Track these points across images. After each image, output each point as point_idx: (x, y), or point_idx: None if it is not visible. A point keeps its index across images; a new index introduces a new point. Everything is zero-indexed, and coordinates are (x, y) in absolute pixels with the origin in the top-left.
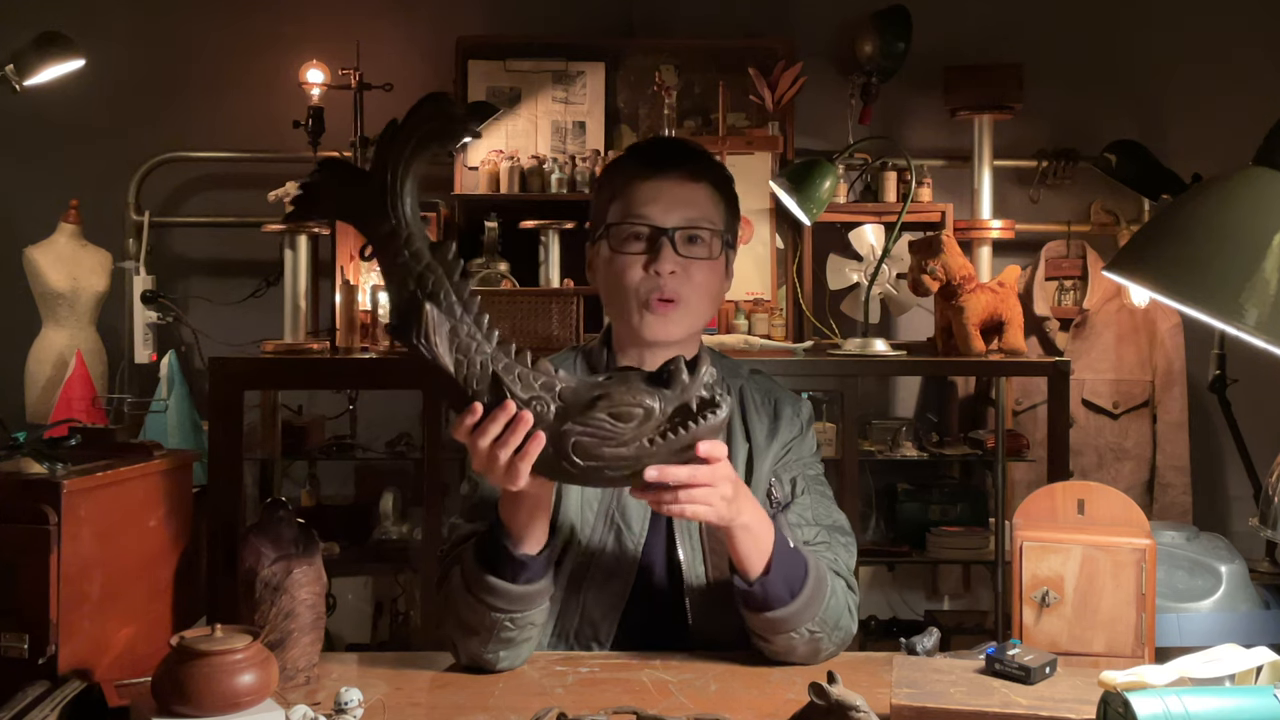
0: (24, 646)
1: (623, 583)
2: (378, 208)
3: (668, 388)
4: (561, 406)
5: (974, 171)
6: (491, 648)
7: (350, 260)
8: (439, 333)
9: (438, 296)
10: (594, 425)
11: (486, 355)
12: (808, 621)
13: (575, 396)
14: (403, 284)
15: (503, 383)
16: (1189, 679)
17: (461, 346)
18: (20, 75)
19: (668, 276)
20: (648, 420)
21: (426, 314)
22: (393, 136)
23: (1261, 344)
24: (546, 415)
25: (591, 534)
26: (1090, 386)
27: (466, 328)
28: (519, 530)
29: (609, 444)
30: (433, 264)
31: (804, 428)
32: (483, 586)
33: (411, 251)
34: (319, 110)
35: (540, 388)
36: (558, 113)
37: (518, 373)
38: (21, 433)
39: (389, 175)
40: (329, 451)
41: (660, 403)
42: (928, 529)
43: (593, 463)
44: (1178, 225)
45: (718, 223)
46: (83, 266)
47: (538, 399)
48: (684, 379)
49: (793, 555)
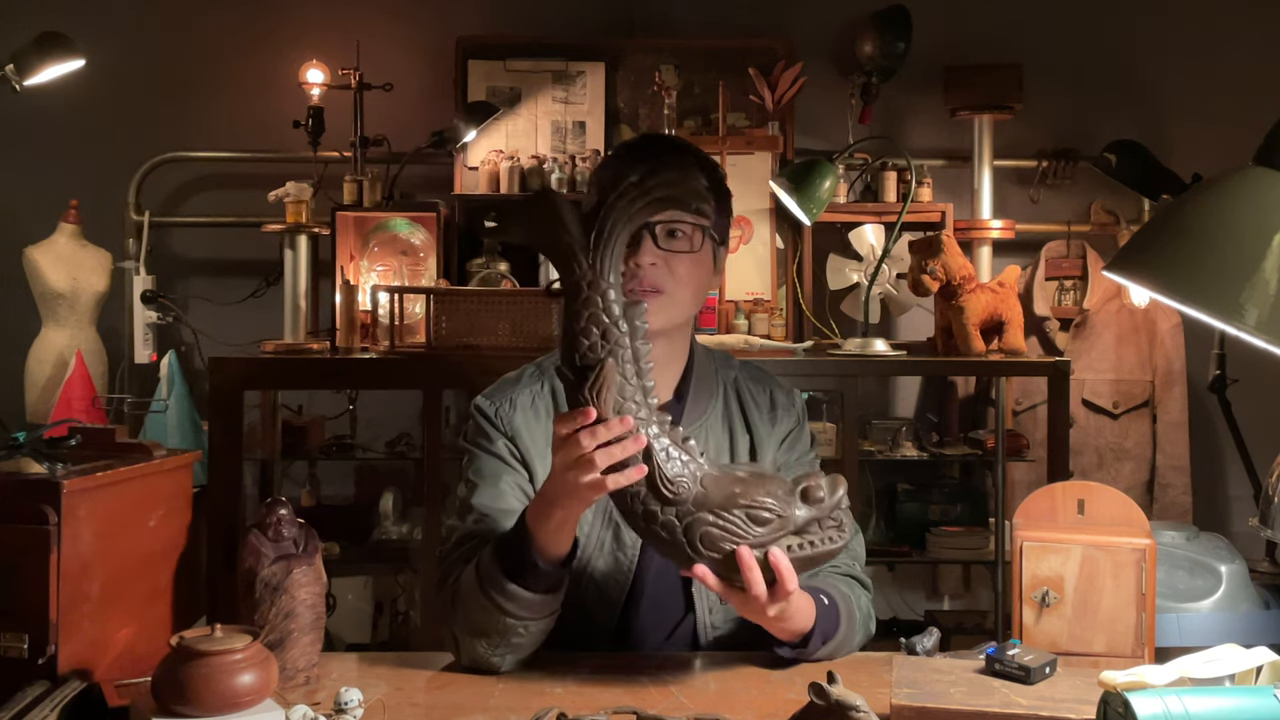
0: (24, 646)
1: (621, 581)
2: (584, 251)
3: (807, 502)
4: (701, 493)
5: (974, 171)
6: (500, 651)
7: (350, 260)
8: (609, 390)
9: (617, 354)
10: (728, 521)
11: (643, 421)
12: (838, 654)
13: (717, 486)
14: (586, 332)
15: (654, 455)
16: (1189, 679)
17: (623, 410)
18: (20, 75)
19: (648, 268)
20: (780, 529)
21: (607, 370)
22: (629, 190)
23: (1261, 344)
24: (686, 498)
25: (590, 533)
26: (1090, 386)
27: (631, 390)
28: (546, 539)
29: (736, 542)
30: (621, 321)
31: (800, 419)
32: (502, 592)
33: (604, 304)
34: (319, 110)
35: (686, 470)
36: (558, 113)
37: (667, 447)
38: (21, 433)
39: (610, 225)
40: (329, 451)
41: (797, 514)
42: (928, 529)
43: (714, 554)
44: (1178, 225)
45: (702, 218)
46: (83, 266)
47: (682, 480)
48: (823, 496)
49: (826, 612)
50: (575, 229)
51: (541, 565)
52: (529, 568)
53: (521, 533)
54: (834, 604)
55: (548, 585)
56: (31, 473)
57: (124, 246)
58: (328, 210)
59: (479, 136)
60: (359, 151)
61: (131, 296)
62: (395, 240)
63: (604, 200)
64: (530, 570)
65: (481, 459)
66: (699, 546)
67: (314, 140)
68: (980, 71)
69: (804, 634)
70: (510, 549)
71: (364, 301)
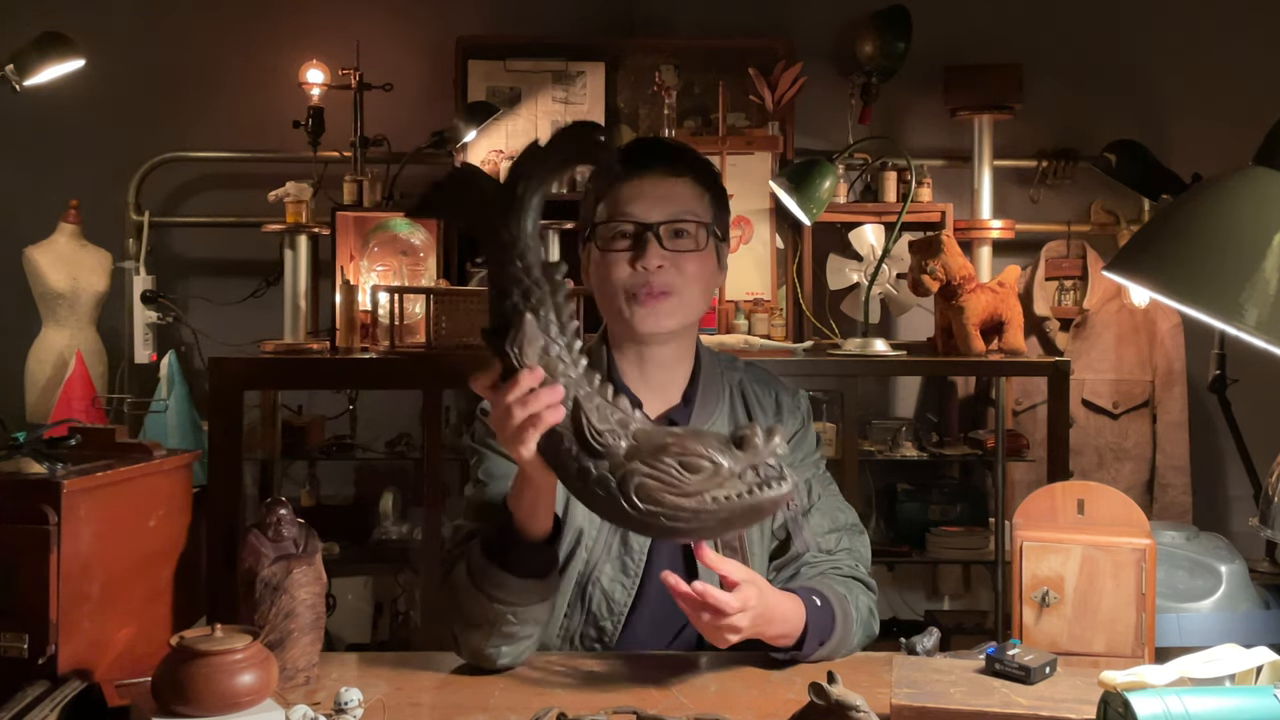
0: (24, 646)
1: (629, 585)
2: (500, 216)
3: (741, 449)
4: (633, 445)
5: (974, 171)
6: (494, 642)
7: (350, 260)
8: (531, 345)
9: (539, 312)
10: (661, 470)
11: (570, 380)
12: (836, 655)
13: (647, 439)
14: (507, 292)
15: (581, 409)
16: (1189, 679)
17: (549, 366)
18: (20, 75)
19: (656, 271)
20: (715, 476)
21: (525, 324)
22: (533, 153)
23: (1261, 344)
24: (617, 451)
25: (599, 536)
26: (1090, 386)
27: (558, 349)
28: (524, 515)
29: (672, 492)
30: (541, 280)
31: (805, 420)
32: (486, 578)
33: (524, 264)
34: (319, 110)
35: (616, 423)
36: (558, 113)
37: (596, 404)
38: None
39: (520, 188)
40: (329, 451)
41: (731, 462)
42: (928, 529)
43: (652, 507)
44: (1178, 225)
45: (703, 215)
46: (83, 266)
47: (611, 432)
48: (758, 443)
49: (820, 613)
50: (492, 198)
51: (522, 543)
52: (510, 548)
53: (503, 515)
54: (828, 605)
55: (532, 568)
56: (31, 473)
57: (124, 246)
58: (328, 210)
59: (479, 136)
60: (359, 151)
61: (131, 296)
62: (395, 240)
63: (515, 168)
64: (512, 550)
65: (490, 459)
66: (635, 500)
67: (314, 140)
68: (980, 71)
69: (796, 637)
70: (495, 535)
71: (364, 301)
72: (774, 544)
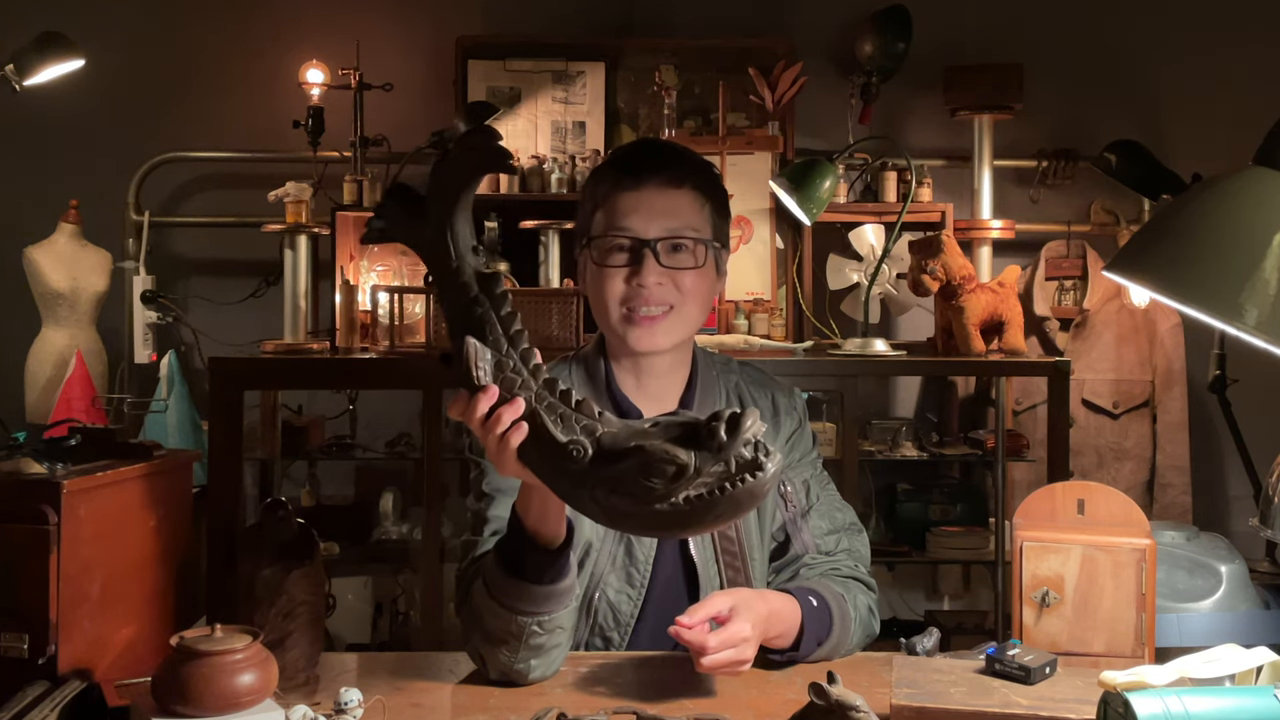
0: (24, 646)
1: (635, 597)
2: (440, 241)
3: (703, 446)
4: (599, 452)
5: (974, 171)
6: (522, 656)
7: (350, 260)
8: (482, 364)
9: (482, 330)
10: (627, 479)
11: (531, 393)
12: (835, 655)
13: (613, 443)
14: (454, 316)
15: (541, 420)
16: (1189, 679)
17: (506, 382)
18: (20, 75)
19: (654, 287)
20: (679, 478)
21: (468, 348)
22: (437, 167)
23: (1261, 344)
24: (583, 460)
25: (605, 540)
26: (1090, 386)
27: (512, 363)
28: (534, 521)
29: (641, 498)
30: (480, 297)
31: (801, 419)
32: (506, 591)
33: (462, 280)
34: (319, 110)
35: (581, 430)
36: (558, 113)
37: (560, 412)
38: (21, 433)
39: (435, 207)
40: (329, 451)
41: (695, 461)
42: (928, 529)
43: (629, 511)
44: (1178, 225)
45: (702, 229)
46: (83, 266)
47: (575, 443)
48: (721, 438)
49: (816, 613)
50: (421, 217)
51: (537, 551)
52: (526, 556)
53: (515, 524)
54: (825, 605)
55: (550, 575)
56: (31, 473)
57: (124, 246)
58: (328, 210)
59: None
60: (359, 151)
61: (131, 296)
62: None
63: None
64: (528, 558)
65: (491, 472)
66: (610, 507)
67: (314, 140)
68: (980, 71)
69: (793, 637)
70: (509, 547)
71: (364, 301)
72: (773, 545)
